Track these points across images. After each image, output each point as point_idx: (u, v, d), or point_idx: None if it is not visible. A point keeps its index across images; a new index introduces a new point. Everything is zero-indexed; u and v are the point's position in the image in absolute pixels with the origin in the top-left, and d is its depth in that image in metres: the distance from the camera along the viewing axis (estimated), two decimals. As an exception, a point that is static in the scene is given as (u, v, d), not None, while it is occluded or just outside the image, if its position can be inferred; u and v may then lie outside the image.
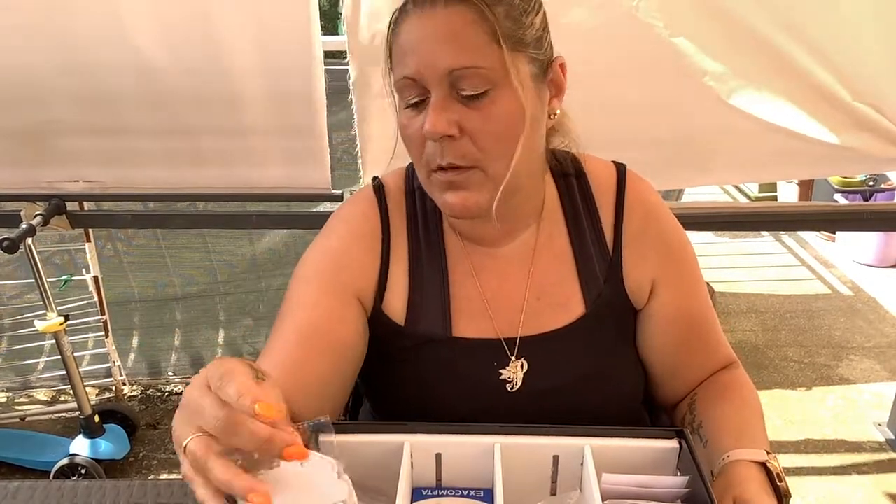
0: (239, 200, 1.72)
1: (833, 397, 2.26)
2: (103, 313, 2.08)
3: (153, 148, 1.60)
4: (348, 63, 1.47)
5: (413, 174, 0.84)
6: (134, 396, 2.31)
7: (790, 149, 1.54)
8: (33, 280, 1.71)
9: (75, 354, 1.82)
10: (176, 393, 2.32)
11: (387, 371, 0.83)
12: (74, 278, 2.01)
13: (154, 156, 1.61)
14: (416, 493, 0.66)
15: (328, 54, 1.48)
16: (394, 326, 0.80)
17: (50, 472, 1.86)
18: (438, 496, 0.65)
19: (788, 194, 3.55)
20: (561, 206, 0.84)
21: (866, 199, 3.06)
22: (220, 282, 2.25)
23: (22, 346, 2.14)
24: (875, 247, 3.12)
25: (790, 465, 1.97)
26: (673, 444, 0.64)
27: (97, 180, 1.65)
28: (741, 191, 3.90)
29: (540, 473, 0.66)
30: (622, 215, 0.83)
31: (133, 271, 2.20)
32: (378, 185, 0.85)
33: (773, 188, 3.70)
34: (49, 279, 1.76)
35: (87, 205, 1.80)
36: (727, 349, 0.88)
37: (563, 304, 0.81)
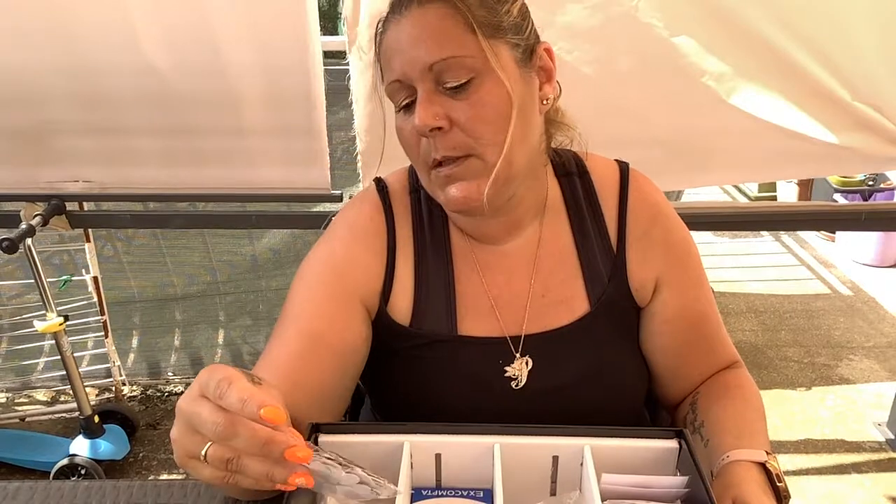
0: (239, 200, 1.72)
1: (833, 397, 2.26)
2: (103, 313, 2.07)
3: (153, 148, 1.60)
4: (348, 63, 1.47)
5: (415, 173, 0.84)
6: (134, 397, 2.30)
7: (790, 149, 1.54)
8: (33, 280, 1.71)
9: (75, 355, 1.81)
10: (176, 393, 2.31)
11: (391, 370, 0.82)
12: (74, 278, 2.01)
13: (154, 156, 1.61)
14: (416, 494, 0.66)
15: (328, 54, 1.49)
16: (398, 327, 0.80)
17: (50, 473, 1.86)
18: (438, 496, 0.65)
19: (788, 194, 3.55)
20: (564, 204, 0.84)
21: (865, 199, 3.06)
22: (220, 282, 2.25)
23: (22, 347, 2.13)
24: (875, 247, 3.12)
25: (790, 465, 1.97)
26: (672, 445, 0.64)
27: (97, 180, 1.65)
28: (741, 191, 3.90)
29: (540, 473, 0.66)
30: (626, 214, 0.83)
31: (133, 271, 2.20)
32: (381, 186, 0.85)
33: (773, 188, 3.70)
34: (49, 279, 1.76)
35: (87, 205, 1.80)
36: (730, 349, 0.88)
37: (568, 302, 0.81)
